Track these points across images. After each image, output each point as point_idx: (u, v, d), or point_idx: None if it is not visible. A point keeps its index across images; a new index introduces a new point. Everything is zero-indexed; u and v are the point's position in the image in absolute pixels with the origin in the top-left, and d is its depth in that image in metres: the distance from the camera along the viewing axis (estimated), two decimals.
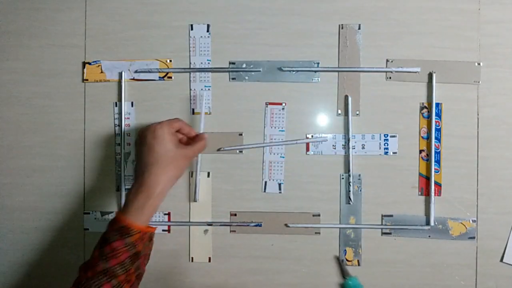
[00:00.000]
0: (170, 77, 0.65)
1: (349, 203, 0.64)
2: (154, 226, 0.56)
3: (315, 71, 0.64)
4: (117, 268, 0.49)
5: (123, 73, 0.65)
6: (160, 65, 0.65)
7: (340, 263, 0.63)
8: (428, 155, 0.64)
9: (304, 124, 0.65)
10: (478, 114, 0.64)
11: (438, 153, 0.64)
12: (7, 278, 0.67)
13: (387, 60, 0.64)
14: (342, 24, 0.64)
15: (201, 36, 0.65)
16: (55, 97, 0.66)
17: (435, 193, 0.63)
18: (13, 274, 0.66)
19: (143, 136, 0.57)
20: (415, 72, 0.64)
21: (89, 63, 0.65)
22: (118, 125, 0.65)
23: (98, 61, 0.65)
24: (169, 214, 0.66)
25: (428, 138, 0.64)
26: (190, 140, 0.60)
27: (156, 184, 0.53)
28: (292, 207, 0.65)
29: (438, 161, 0.64)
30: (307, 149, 0.65)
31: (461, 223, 0.63)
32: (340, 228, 0.64)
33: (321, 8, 0.64)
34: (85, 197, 0.66)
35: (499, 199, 0.63)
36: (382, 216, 0.64)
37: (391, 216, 0.64)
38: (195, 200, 0.64)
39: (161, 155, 0.54)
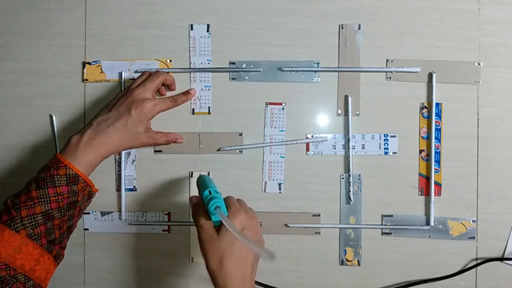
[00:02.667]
0: None
1: (349, 203, 0.64)
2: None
3: (315, 71, 0.64)
4: (55, 211, 0.50)
5: (123, 73, 0.65)
6: (160, 65, 0.65)
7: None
8: (428, 155, 0.64)
9: (304, 124, 0.65)
10: (478, 114, 0.64)
11: (438, 153, 0.64)
12: None
13: (387, 60, 0.64)
14: (342, 24, 0.64)
15: (201, 36, 0.65)
16: (55, 97, 0.66)
17: (435, 193, 0.63)
18: None
19: (130, 101, 0.57)
20: (415, 72, 0.64)
21: (89, 63, 0.65)
22: None
23: (98, 61, 0.65)
24: (169, 214, 0.66)
25: (428, 138, 0.64)
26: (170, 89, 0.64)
27: (109, 148, 0.55)
28: (292, 207, 0.65)
29: (438, 161, 0.64)
30: (307, 149, 0.65)
31: (461, 223, 0.63)
32: (340, 228, 0.64)
33: (321, 8, 0.64)
34: None
35: (499, 199, 0.63)
36: (382, 216, 0.64)
37: (391, 216, 0.64)
38: None
39: (129, 130, 0.57)
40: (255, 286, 0.49)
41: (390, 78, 0.64)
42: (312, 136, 0.65)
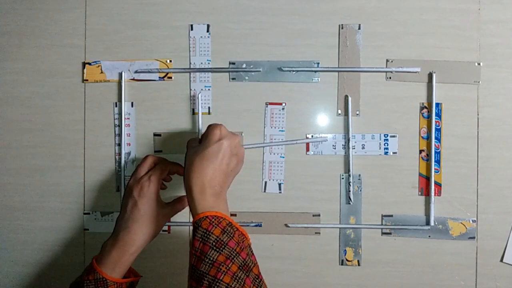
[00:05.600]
0: (170, 77, 0.65)
1: (349, 203, 0.64)
2: (129, 278, 0.54)
3: (315, 71, 0.64)
4: None
5: (123, 73, 0.65)
6: (160, 65, 0.65)
7: None
8: (428, 155, 0.64)
9: (304, 124, 0.65)
10: (478, 114, 0.64)
11: (438, 153, 0.64)
12: (8, 278, 0.67)
13: (387, 60, 0.64)
14: (342, 24, 0.64)
15: (201, 36, 0.65)
16: (55, 97, 0.66)
17: (435, 193, 0.63)
18: (13, 275, 0.66)
19: (129, 189, 0.55)
20: (415, 72, 0.64)
21: (89, 63, 0.65)
22: (118, 125, 0.66)
23: (98, 61, 0.65)
24: None
25: (428, 138, 0.64)
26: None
27: (133, 242, 0.53)
28: (292, 207, 0.65)
29: (438, 161, 0.64)
30: (307, 149, 0.65)
31: (461, 223, 0.63)
32: (340, 228, 0.64)
33: (321, 8, 0.64)
34: (85, 197, 0.66)
35: (499, 199, 0.63)
36: (382, 216, 0.64)
37: (391, 216, 0.64)
38: None
39: (143, 214, 0.54)
40: (225, 198, 0.51)
41: (390, 78, 0.64)
42: (312, 136, 0.65)
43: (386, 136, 0.64)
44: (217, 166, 0.50)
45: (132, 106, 0.65)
